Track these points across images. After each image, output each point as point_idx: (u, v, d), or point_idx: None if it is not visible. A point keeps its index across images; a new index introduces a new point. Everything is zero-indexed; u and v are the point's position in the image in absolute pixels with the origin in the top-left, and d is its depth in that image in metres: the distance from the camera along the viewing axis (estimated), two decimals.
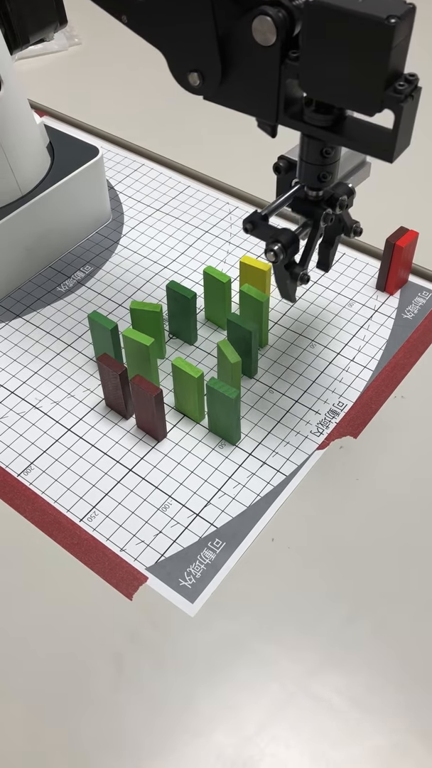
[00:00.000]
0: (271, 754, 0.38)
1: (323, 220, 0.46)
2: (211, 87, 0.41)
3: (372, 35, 0.34)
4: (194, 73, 0.41)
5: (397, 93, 0.35)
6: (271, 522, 0.46)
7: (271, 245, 0.44)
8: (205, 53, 0.40)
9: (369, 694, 0.40)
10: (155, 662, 0.41)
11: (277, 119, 0.40)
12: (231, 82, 0.40)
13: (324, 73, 0.37)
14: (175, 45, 0.41)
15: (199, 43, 0.40)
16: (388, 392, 0.53)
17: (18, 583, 0.44)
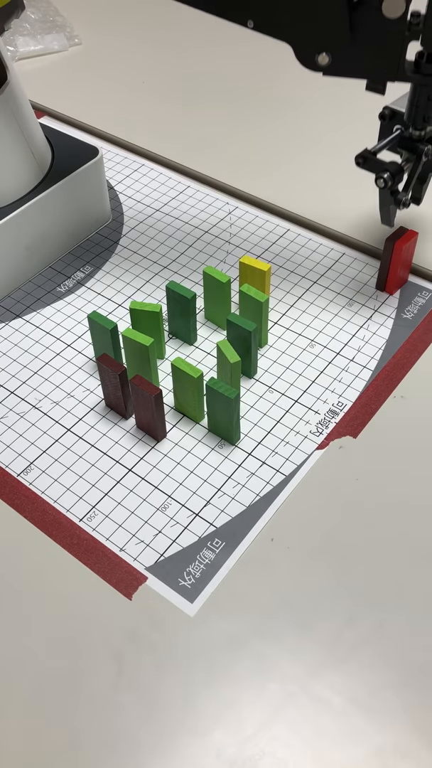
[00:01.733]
0: (270, 753, 0.38)
1: (425, 154, 0.54)
2: (338, 62, 0.49)
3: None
4: (323, 53, 0.49)
5: None
6: (271, 522, 0.46)
7: (381, 173, 0.53)
8: (334, 34, 0.48)
9: (369, 694, 0.40)
10: (155, 662, 0.41)
11: (396, 76, 0.48)
12: (355, 54, 0.48)
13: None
14: (305, 33, 0.48)
15: (330, 26, 0.47)
16: (387, 392, 0.53)
17: (17, 583, 0.44)
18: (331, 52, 0.49)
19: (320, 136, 0.78)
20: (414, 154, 0.55)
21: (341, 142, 0.76)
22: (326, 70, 0.49)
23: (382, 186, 0.54)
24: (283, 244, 0.65)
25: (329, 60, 0.49)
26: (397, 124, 0.55)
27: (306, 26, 0.48)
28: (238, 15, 0.48)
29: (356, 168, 0.74)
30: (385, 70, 0.49)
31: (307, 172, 0.73)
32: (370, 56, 0.48)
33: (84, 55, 0.92)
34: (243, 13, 0.48)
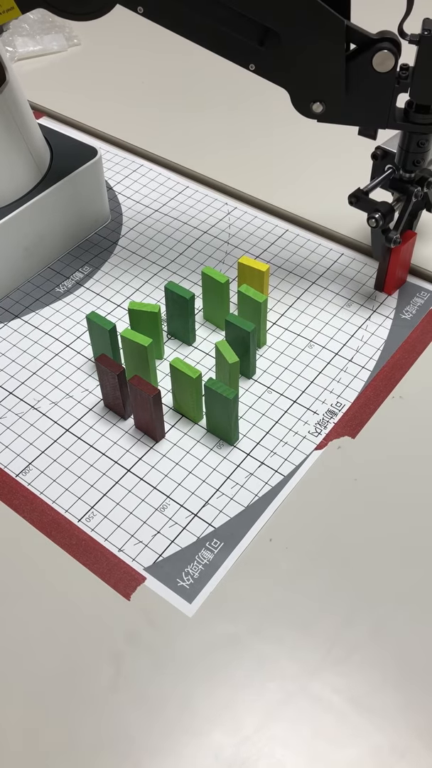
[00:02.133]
0: (269, 754, 0.38)
1: (415, 195, 0.56)
2: (332, 111, 0.52)
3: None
4: (317, 102, 0.52)
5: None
6: (269, 522, 0.46)
7: (373, 214, 0.55)
8: (329, 85, 0.50)
9: (367, 694, 0.40)
10: (153, 662, 0.41)
11: (387, 124, 0.52)
12: (348, 104, 0.51)
13: (429, 84, 0.49)
14: (302, 82, 0.51)
15: (326, 78, 0.50)
16: (386, 392, 0.53)
17: (16, 584, 0.44)
18: (325, 101, 0.51)
19: (319, 136, 0.78)
20: (404, 194, 0.57)
21: (340, 143, 0.76)
22: (320, 117, 0.52)
23: (373, 226, 0.55)
24: (281, 245, 0.65)
25: (323, 108, 0.52)
26: (388, 164, 0.58)
27: (304, 77, 0.51)
28: (242, 58, 0.51)
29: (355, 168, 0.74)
30: (377, 119, 0.52)
31: (307, 173, 0.73)
32: (362, 106, 0.51)
33: (83, 56, 0.92)
34: (246, 57, 0.51)
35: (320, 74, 0.50)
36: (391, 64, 0.49)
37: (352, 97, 0.51)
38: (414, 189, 0.56)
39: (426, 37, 0.48)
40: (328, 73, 0.50)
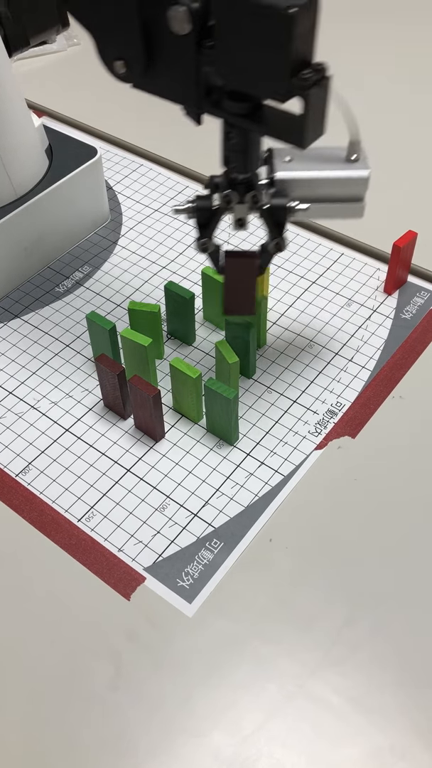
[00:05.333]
0: (268, 754, 0.38)
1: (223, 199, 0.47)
2: (136, 75, 0.42)
3: (274, 24, 0.35)
4: (119, 60, 0.42)
5: (303, 80, 0.36)
6: (269, 522, 0.46)
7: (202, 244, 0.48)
8: (129, 41, 0.41)
9: (367, 694, 0.40)
10: (153, 662, 0.41)
11: (200, 107, 0.42)
12: (155, 71, 0.41)
13: (236, 61, 0.38)
14: (103, 32, 0.42)
15: (124, 30, 0.40)
16: (386, 392, 0.53)
17: (16, 583, 0.44)
18: (127, 61, 0.42)
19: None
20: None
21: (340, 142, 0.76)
22: (125, 79, 0.43)
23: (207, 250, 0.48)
24: None
25: (125, 71, 0.43)
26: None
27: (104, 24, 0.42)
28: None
29: None
30: (185, 96, 0.42)
31: None
32: (166, 75, 0.41)
33: (83, 55, 0.92)
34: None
35: (117, 24, 0.40)
36: (187, 26, 0.38)
37: (155, 62, 0.41)
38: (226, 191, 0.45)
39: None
40: (124, 24, 0.40)
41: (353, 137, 0.45)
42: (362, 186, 0.46)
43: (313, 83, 0.37)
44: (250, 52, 0.37)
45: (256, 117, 0.41)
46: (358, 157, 0.46)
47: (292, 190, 0.46)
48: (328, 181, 0.46)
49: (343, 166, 0.46)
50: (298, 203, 0.45)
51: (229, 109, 0.41)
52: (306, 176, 0.46)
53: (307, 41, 0.37)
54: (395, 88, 0.84)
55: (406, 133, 0.77)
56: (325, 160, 0.46)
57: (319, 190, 0.46)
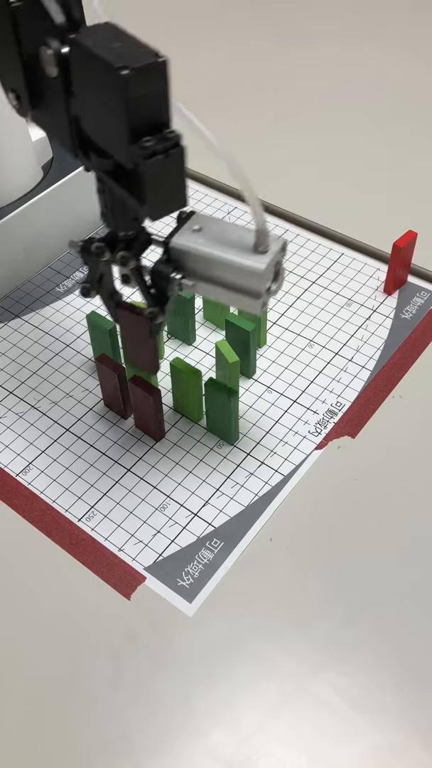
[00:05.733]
0: (268, 754, 0.38)
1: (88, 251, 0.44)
2: (25, 109, 0.40)
3: (110, 83, 0.33)
4: (11, 93, 0.40)
5: (143, 149, 0.34)
6: (269, 522, 0.46)
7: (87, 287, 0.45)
8: (16, 76, 0.39)
9: (367, 693, 0.40)
10: (153, 662, 0.41)
11: (76, 154, 0.39)
12: (40, 109, 0.39)
13: (92, 114, 0.36)
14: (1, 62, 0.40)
15: (12, 65, 0.39)
16: (386, 392, 0.53)
17: (16, 583, 0.44)
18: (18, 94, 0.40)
19: (319, 134, 0.78)
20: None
21: (340, 142, 0.76)
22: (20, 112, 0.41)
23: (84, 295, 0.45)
24: None
25: (17, 103, 0.40)
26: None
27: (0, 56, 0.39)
28: None
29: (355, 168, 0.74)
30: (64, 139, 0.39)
31: (306, 172, 0.73)
32: (48, 114, 0.39)
33: None
34: None
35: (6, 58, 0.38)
36: (53, 69, 0.35)
37: (39, 101, 0.39)
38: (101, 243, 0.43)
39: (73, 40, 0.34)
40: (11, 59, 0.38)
41: (258, 226, 0.39)
42: (256, 280, 0.40)
43: (153, 153, 0.34)
44: (100, 108, 0.35)
45: (117, 176, 0.37)
46: (267, 249, 0.39)
47: (185, 261, 0.41)
48: (223, 264, 0.40)
49: (245, 252, 0.40)
50: (183, 276, 0.41)
51: (94, 163, 0.38)
52: (200, 252, 0.40)
53: (152, 106, 0.34)
54: (396, 87, 0.84)
55: (406, 132, 0.77)
56: (232, 242, 0.40)
57: (212, 270, 0.41)
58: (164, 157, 0.34)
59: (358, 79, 0.85)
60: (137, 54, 0.33)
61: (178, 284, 0.41)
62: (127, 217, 0.40)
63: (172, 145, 0.34)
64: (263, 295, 0.40)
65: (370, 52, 0.90)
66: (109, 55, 0.33)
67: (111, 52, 0.33)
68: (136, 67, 0.32)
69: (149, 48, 0.33)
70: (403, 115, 0.80)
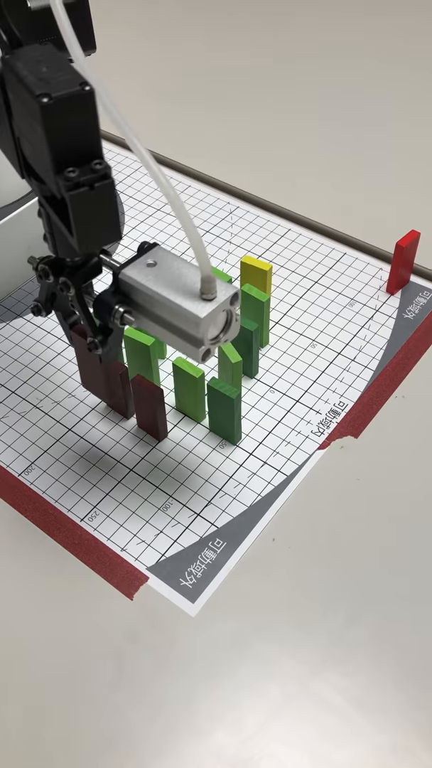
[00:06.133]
0: (270, 754, 0.38)
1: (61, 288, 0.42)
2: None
3: (34, 109, 0.32)
4: None
5: (66, 180, 0.32)
6: (272, 522, 0.46)
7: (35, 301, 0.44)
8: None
9: (370, 694, 0.40)
10: (156, 662, 0.41)
11: (23, 175, 0.38)
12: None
13: (27, 137, 0.34)
14: None
15: None
16: (389, 392, 0.53)
17: (18, 583, 0.44)
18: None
19: (322, 134, 0.78)
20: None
21: (342, 142, 0.76)
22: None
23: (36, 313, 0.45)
24: (284, 244, 0.65)
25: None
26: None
27: None
28: None
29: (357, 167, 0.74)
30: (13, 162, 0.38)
31: (309, 172, 0.73)
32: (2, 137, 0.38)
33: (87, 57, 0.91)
34: None
35: None
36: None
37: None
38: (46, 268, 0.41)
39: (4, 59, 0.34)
40: None
41: (203, 273, 0.37)
42: (195, 328, 0.38)
43: (78, 185, 0.32)
44: (32, 133, 0.33)
45: (53, 203, 0.36)
46: (213, 297, 0.38)
47: (132, 295, 0.40)
48: (165, 306, 0.38)
49: (190, 298, 0.38)
50: (127, 310, 0.40)
51: (33, 187, 0.37)
52: (145, 288, 0.39)
53: (79, 135, 0.32)
54: (399, 85, 0.84)
55: (409, 131, 0.77)
56: (182, 284, 0.38)
57: (156, 310, 0.39)
58: (89, 189, 0.33)
59: (361, 77, 0.85)
60: (63, 81, 0.32)
61: (120, 317, 0.40)
62: (67, 243, 0.38)
63: (99, 177, 0.33)
64: (205, 344, 0.38)
65: (372, 49, 0.90)
66: (33, 80, 0.32)
67: (36, 77, 0.32)
68: (56, 95, 0.31)
69: (77, 75, 0.32)
70: (406, 114, 0.79)
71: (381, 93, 0.83)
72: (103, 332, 0.41)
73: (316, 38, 0.92)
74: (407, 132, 0.77)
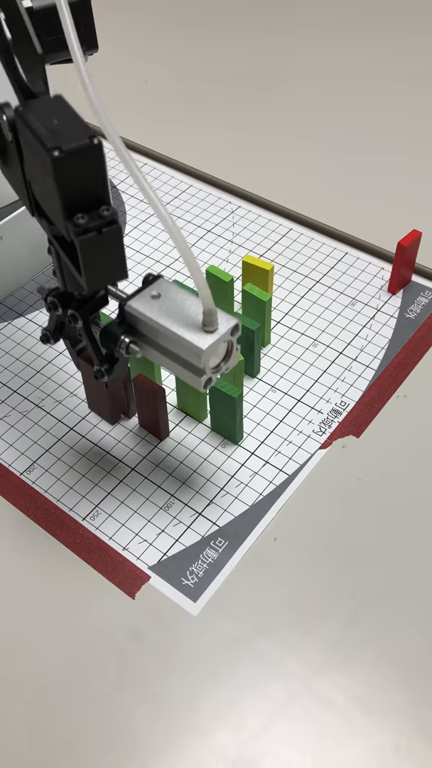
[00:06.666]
0: (273, 753, 0.38)
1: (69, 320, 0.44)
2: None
3: (46, 159, 0.33)
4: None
5: (75, 226, 0.34)
6: (274, 521, 0.46)
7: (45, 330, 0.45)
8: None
9: (372, 693, 0.40)
10: (158, 661, 0.41)
11: (32, 213, 0.39)
12: (6, 166, 0.40)
13: (39, 181, 0.36)
14: None
15: None
16: (390, 392, 0.53)
17: (20, 582, 0.44)
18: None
19: (322, 135, 0.78)
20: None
21: (344, 141, 0.76)
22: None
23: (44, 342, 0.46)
24: (285, 244, 0.65)
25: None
26: None
27: None
28: None
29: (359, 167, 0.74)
30: (24, 201, 0.40)
31: (310, 171, 0.73)
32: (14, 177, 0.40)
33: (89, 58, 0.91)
34: None
35: None
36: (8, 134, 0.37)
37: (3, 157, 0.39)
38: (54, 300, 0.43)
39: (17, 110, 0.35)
40: None
41: (205, 307, 0.39)
42: (197, 358, 0.39)
43: (86, 230, 0.34)
44: (43, 178, 0.35)
45: (62, 242, 0.38)
46: (214, 329, 0.39)
47: (137, 326, 0.41)
48: (169, 337, 0.40)
49: (193, 329, 0.40)
50: (131, 340, 0.41)
51: (44, 226, 0.39)
52: (150, 320, 0.40)
53: (88, 184, 0.34)
54: (398, 85, 0.83)
55: (409, 131, 0.77)
56: (185, 316, 0.40)
57: (160, 340, 0.41)
58: (97, 234, 0.34)
59: (363, 77, 0.85)
60: (73, 134, 0.33)
61: (126, 348, 0.41)
62: (71, 278, 0.40)
63: (106, 222, 0.35)
64: (207, 373, 0.40)
65: (374, 49, 0.90)
66: (45, 132, 0.33)
67: (48, 129, 0.34)
68: (67, 148, 0.33)
69: (86, 128, 0.34)
70: (406, 114, 0.79)
71: (382, 92, 0.83)
72: (109, 361, 0.43)
73: (317, 38, 0.92)
74: (409, 131, 0.77)
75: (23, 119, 0.35)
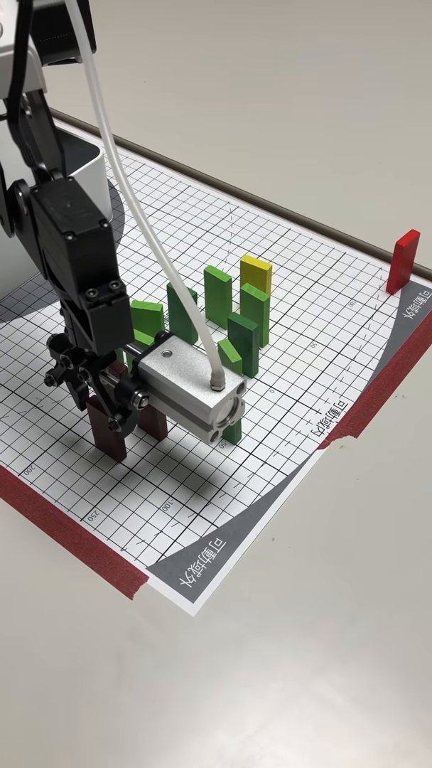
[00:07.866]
0: (272, 753, 0.38)
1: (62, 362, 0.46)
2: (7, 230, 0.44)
3: (60, 241, 0.36)
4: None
5: (87, 299, 0.37)
6: (272, 521, 0.46)
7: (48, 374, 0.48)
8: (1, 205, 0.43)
9: (371, 693, 0.40)
10: (156, 662, 0.41)
11: (46, 278, 0.42)
12: (21, 234, 0.43)
13: (52, 254, 0.39)
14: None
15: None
16: (388, 392, 0.53)
17: (19, 583, 0.44)
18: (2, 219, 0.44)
19: (321, 135, 0.78)
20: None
21: (342, 142, 0.76)
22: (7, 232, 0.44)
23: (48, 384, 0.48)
24: (284, 244, 0.65)
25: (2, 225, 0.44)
26: None
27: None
28: None
29: (357, 167, 0.74)
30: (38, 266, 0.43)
31: (309, 172, 0.73)
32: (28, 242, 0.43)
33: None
34: None
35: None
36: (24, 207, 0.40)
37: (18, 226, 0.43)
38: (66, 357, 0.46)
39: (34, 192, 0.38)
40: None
41: (213, 368, 0.42)
42: (205, 414, 0.42)
43: (97, 303, 0.37)
44: (56, 253, 0.38)
45: (74, 307, 0.40)
46: (222, 388, 0.42)
47: (149, 382, 0.44)
48: (179, 394, 0.43)
49: (201, 388, 0.43)
50: (144, 396, 0.44)
51: (57, 292, 0.42)
52: (162, 378, 0.43)
53: (98, 262, 0.37)
54: (397, 86, 0.84)
55: (408, 131, 0.77)
56: (195, 374, 0.43)
57: (171, 396, 0.44)
58: (107, 306, 0.37)
59: (361, 76, 0.85)
60: (84, 219, 0.36)
61: (139, 402, 0.44)
62: (81, 337, 0.43)
63: (116, 295, 0.38)
64: (214, 428, 0.43)
65: (372, 48, 0.90)
66: (59, 217, 0.36)
67: (62, 214, 0.37)
68: (80, 233, 0.36)
69: (97, 212, 0.37)
70: (405, 113, 0.79)
71: (380, 92, 0.83)
72: (122, 413, 0.45)
73: (317, 38, 0.92)
74: (407, 131, 0.77)
75: (39, 202, 0.38)
